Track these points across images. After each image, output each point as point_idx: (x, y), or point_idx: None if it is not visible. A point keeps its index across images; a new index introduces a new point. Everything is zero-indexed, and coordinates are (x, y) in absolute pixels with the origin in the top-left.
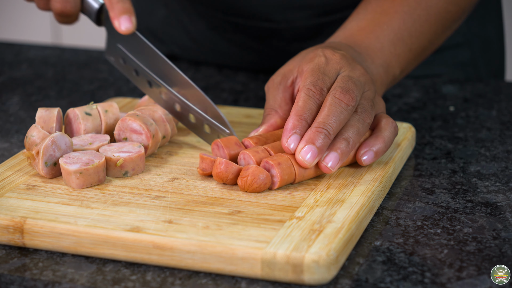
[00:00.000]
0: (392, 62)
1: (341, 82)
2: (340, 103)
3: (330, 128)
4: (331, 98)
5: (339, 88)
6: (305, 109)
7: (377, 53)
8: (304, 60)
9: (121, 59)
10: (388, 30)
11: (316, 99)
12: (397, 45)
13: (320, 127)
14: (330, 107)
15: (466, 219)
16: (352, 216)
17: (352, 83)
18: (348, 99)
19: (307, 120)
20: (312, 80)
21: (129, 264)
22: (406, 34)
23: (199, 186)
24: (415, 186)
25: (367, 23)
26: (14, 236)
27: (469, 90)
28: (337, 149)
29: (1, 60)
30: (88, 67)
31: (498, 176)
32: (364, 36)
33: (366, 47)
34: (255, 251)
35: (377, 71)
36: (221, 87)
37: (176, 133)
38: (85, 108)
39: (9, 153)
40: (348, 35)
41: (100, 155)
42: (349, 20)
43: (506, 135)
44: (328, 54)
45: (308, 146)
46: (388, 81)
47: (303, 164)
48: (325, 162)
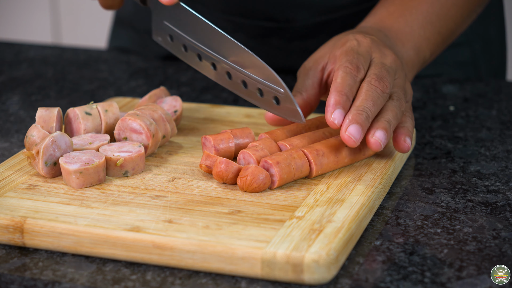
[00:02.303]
0: (422, 45)
1: (375, 69)
2: (376, 89)
3: (369, 111)
4: (367, 85)
5: (374, 76)
6: (344, 85)
7: (407, 37)
8: (336, 45)
9: (168, 37)
10: (416, 14)
11: (354, 75)
12: (426, 29)
13: (360, 109)
14: (367, 92)
15: (466, 218)
16: (352, 216)
17: (385, 71)
18: (383, 86)
19: (347, 96)
20: (348, 59)
21: (129, 264)
22: (434, 17)
23: (199, 185)
24: (415, 186)
25: (395, 8)
26: (14, 235)
27: (469, 89)
28: (383, 128)
29: (1, 60)
30: (88, 67)
31: (498, 175)
32: (393, 20)
33: (396, 31)
34: (255, 250)
35: (407, 54)
36: (221, 87)
37: (176, 132)
38: (85, 108)
39: (9, 153)
40: (378, 20)
41: (100, 154)
42: (378, 6)
43: (506, 135)
44: (359, 38)
45: (353, 125)
46: (419, 64)
47: (350, 142)
48: (376, 137)
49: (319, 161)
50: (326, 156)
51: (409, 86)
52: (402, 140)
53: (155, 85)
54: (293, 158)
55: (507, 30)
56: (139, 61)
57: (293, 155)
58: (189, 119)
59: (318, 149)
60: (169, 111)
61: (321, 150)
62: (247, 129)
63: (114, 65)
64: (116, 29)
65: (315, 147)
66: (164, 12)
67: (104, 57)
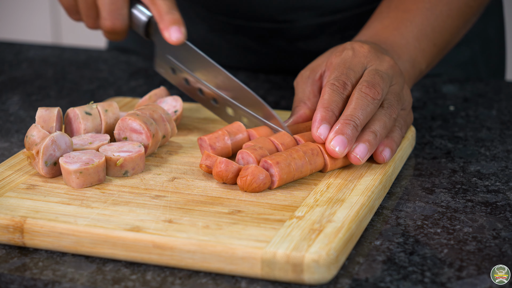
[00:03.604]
0: (418, 57)
1: (367, 76)
2: (366, 97)
3: (357, 120)
4: (358, 92)
5: (365, 83)
6: (330, 101)
7: (402, 49)
8: (333, 54)
9: (170, 70)
10: (411, 27)
11: (340, 93)
12: (421, 41)
13: (348, 119)
14: (356, 100)
15: (466, 218)
16: (352, 216)
17: (378, 77)
18: (374, 93)
19: (334, 112)
20: (336, 76)
21: (129, 264)
22: (429, 29)
23: (199, 185)
24: (415, 186)
25: (390, 21)
26: (14, 235)
27: (469, 89)
28: (365, 141)
29: (1, 60)
30: (88, 67)
31: (498, 175)
32: (389, 33)
33: (391, 44)
34: (255, 250)
35: (403, 66)
36: None
37: (176, 132)
38: (85, 108)
39: (9, 153)
40: (373, 34)
41: (100, 154)
42: (372, 19)
43: (506, 135)
44: (356, 47)
45: (338, 137)
46: (415, 75)
47: (334, 154)
48: (355, 153)
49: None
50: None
51: (407, 93)
52: (379, 151)
53: (155, 85)
54: (293, 158)
55: (506, 29)
56: (139, 61)
57: (293, 155)
58: (189, 119)
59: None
60: (169, 111)
61: None
62: (236, 123)
63: (114, 65)
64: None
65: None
66: (167, 47)
67: (104, 57)
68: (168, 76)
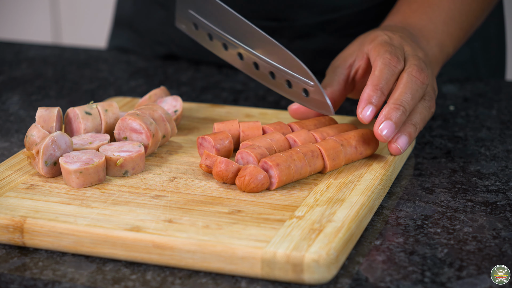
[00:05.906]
0: (446, 41)
1: (414, 60)
2: (416, 81)
3: (407, 105)
4: (407, 75)
5: (414, 66)
6: (381, 78)
7: (431, 34)
8: (365, 42)
9: (193, 25)
10: (439, 11)
11: (393, 67)
12: (449, 25)
13: (398, 103)
14: (406, 84)
15: (466, 218)
16: (352, 216)
17: (423, 63)
18: (423, 78)
19: (382, 91)
20: (387, 49)
21: (129, 264)
22: (457, 13)
23: (199, 185)
24: (415, 186)
25: (418, 5)
26: (14, 235)
27: (469, 89)
28: (407, 133)
29: (1, 60)
30: (88, 67)
31: (498, 175)
32: (417, 18)
33: (420, 29)
34: (255, 250)
35: (432, 51)
36: (221, 86)
37: (176, 132)
38: (85, 108)
39: (9, 153)
40: (402, 18)
41: (100, 154)
42: (400, 3)
43: (506, 135)
44: (389, 34)
45: (386, 122)
46: (443, 60)
47: (380, 138)
48: (397, 143)
49: (332, 156)
50: (349, 146)
51: (435, 84)
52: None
53: (155, 85)
54: (293, 160)
55: (506, 29)
56: (139, 61)
57: (293, 157)
58: (189, 119)
59: (346, 138)
60: (169, 110)
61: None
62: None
63: (114, 65)
64: (116, 29)
65: (344, 138)
66: (189, 1)
67: (104, 57)
68: (190, 31)
